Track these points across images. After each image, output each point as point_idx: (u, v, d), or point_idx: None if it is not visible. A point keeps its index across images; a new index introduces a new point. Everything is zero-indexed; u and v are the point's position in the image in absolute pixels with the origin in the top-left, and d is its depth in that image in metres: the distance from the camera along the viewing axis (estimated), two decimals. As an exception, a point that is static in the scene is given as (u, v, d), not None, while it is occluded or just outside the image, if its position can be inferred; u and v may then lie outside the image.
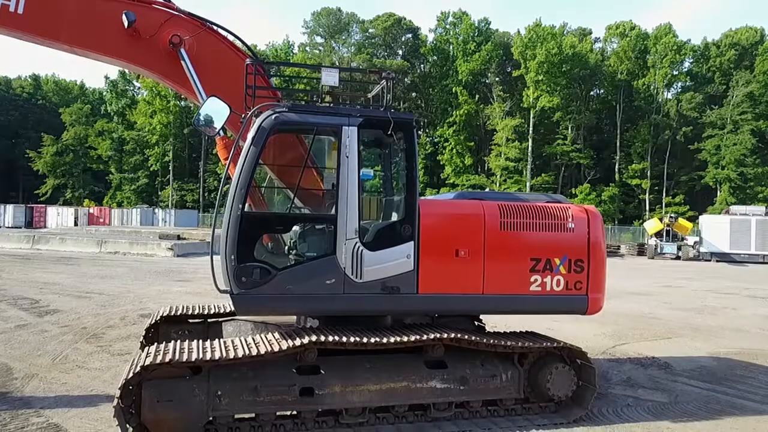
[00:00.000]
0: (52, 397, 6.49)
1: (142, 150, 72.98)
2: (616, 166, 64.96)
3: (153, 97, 70.26)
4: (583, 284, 6.14)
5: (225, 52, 6.60)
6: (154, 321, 7.33)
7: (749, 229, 35.80)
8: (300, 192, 6.06)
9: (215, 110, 5.55)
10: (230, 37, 6.74)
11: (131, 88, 78.10)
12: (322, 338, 5.41)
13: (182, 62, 6.35)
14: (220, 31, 6.67)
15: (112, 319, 11.06)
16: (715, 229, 36.76)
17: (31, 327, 10.13)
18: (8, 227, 50.14)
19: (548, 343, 6.09)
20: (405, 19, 73.63)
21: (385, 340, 5.55)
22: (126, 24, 6.18)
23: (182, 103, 72.72)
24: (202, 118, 5.62)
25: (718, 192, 60.93)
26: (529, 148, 64.39)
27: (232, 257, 5.38)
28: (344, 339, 5.46)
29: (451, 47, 71.23)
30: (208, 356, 5.15)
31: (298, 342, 5.34)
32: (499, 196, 6.61)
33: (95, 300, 13.34)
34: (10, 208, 55.91)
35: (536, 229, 6.08)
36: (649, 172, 62.89)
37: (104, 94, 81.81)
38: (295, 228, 5.80)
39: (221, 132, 5.86)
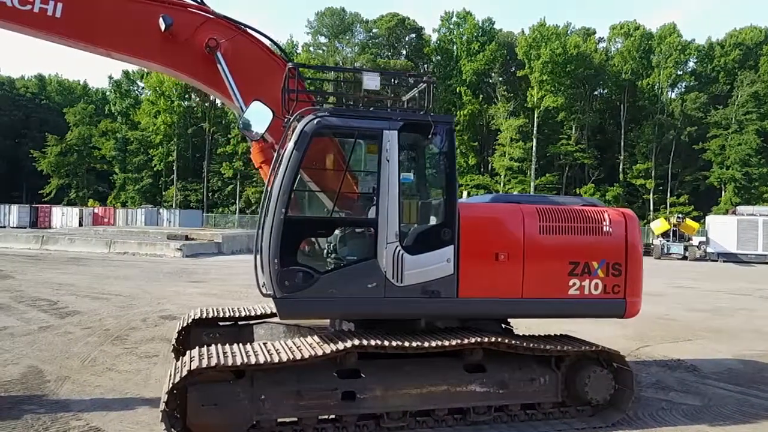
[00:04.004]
0: (88, 400, 6.50)
1: (145, 150, 72.98)
2: (620, 166, 64.86)
3: (157, 97, 70.32)
4: (621, 288, 6.15)
5: (260, 55, 6.60)
6: (186, 324, 7.32)
7: (756, 230, 35.76)
8: (333, 196, 6.06)
9: (259, 114, 5.55)
10: (264, 40, 6.75)
11: (135, 88, 78.18)
12: (365, 342, 5.42)
13: (218, 66, 6.34)
14: (255, 34, 6.67)
15: (134, 321, 11.07)
16: (722, 229, 36.73)
17: (54, 329, 10.14)
18: (13, 227, 50.10)
19: (586, 347, 6.09)
20: (409, 19, 73.55)
21: (426, 344, 5.56)
22: (163, 27, 6.18)
23: (186, 103, 72.84)
24: (244, 122, 5.63)
25: (723, 192, 60.86)
26: (533, 148, 64.34)
27: (276, 261, 5.38)
28: (386, 343, 5.47)
29: (454, 47, 71.17)
30: (253, 360, 5.15)
31: (341, 346, 5.34)
32: (535, 200, 6.61)
33: (113, 301, 13.35)
34: (14, 208, 55.85)
35: (574, 233, 6.08)
36: (653, 172, 62.81)
37: (108, 94, 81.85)
38: (336, 232, 5.80)
39: (264, 136, 5.85)
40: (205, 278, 18.87)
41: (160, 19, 6.17)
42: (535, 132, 64.83)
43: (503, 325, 6.80)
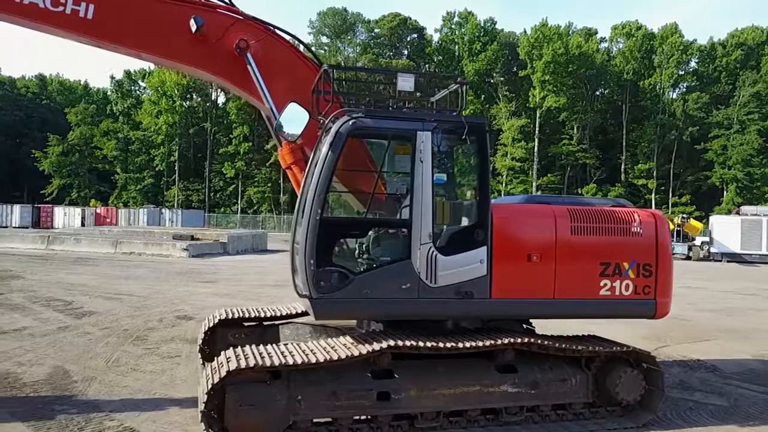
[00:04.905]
0: (118, 401, 6.50)
1: (147, 150, 73.04)
2: (622, 166, 65.03)
3: (159, 97, 70.36)
4: (652, 288, 6.16)
5: (290, 57, 6.62)
6: (212, 324, 7.33)
7: (760, 230, 35.73)
8: (366, 197, 6.07)
9: (295, 116, 5.57)
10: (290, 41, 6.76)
11: (136, 88, 78.18)
12: (400, 343, 5.43)
13: (249, 67, 6.35)
14: (285, 36, 6.69)
15: (150, 321, 11.08)
16: (726, 229, 36.69)
17: (72, 329, 10.14)
18: (15, 227, 50.07)
19: (618, 347, 6.12)
20: (410, 19, 73.68)
21: (460, 344, 5.57)
22: (194, 29, 6.19)
23: (187, 103, 72.83)
24: (280, 123, 5.65)
25: (725, 192, 60.98)
26: (535, 148, 64.49)
27: (311, 262, 5.40)
28: (420, 344, 5.49)
29: (456, 47, 71.29)
30: (291, 361, 5.17)
31: (377, 346, 5.36)
32: (567, 201, 6.64)
33: (126, 302, 13.35)
34: (17, 208, 55.88)
35: (605, 234, 6.10)
36: (655, 172, 62.96)
37: (109, 94, 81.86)
38: (370, 233, 5.82)
39: (299, 138, 5.87)
40: (215, 278, 18.87)
41: (192, 20, 6.18)
42: (536, 132, 64.99)
43: (524, 326, 6.82)
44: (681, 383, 7.82)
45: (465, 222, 5.98)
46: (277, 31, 6.68)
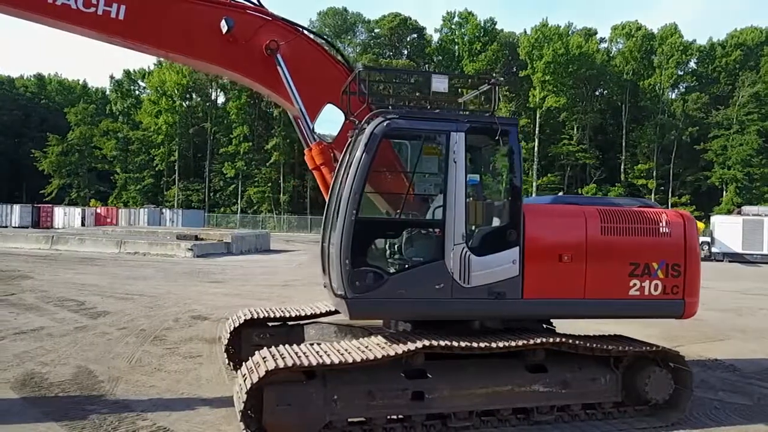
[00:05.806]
0: (147, 400, 6.53)
1: (147, 150, 72.86)
2: (622, 166, 65.13)
3: (158, 96, 70.17)
4: (680, 288, 6.22)
5: (319, 58, 6.65)
6: (237, 324, 7.36)
7: (762, 230, 35.82)
8: (397, 198, 6.10)
9: (331, 117, 5.61)
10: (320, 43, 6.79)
11: (136, 87, 78.01)
12: (434, 343, 5.47)
13: (278, 68, 6.39)
14: (313, 37, 6.71)
15: (166, 321, 11.08)
16: (728, 229, 36.77)
17: (90, 329, 10.15)
18: (15, 227, 49.94)
19: (647, 347, 6.16)
20: (410, 19, 73.68)
21: (493, 344, 5.61)
22: (225, 30, 6.23)
23: (187, 102, 72.70)
24: (315, 124, 5.68)
25: (724, 192, 61.13)
26: (535, 148, 64.55)
27: (347, 261, 5.43)
28: (454, 344, 5.51)
29: (456, 47, 71.32)
30: (328, 361, 5.19)
31: (411, 346, 5.38)
32: (595, 201, 6.69)
33: (139, 302, 13.35)
34: (17, 208, 55.73)
35: (635, 234, 6.14)
36: (654, 172, 63.07)
37: (108, 93, 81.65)
38: (404, 233, 5.84)
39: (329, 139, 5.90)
40: (223, 278, 18.87)
41: (222, 21, 6.21)
42: (537, 132, 65.03)
43: (544, 325, 6.85)
44: (703, 382, 7.86)
45: (497, 222, 6.02)
46: (306, 32, 6.71)
